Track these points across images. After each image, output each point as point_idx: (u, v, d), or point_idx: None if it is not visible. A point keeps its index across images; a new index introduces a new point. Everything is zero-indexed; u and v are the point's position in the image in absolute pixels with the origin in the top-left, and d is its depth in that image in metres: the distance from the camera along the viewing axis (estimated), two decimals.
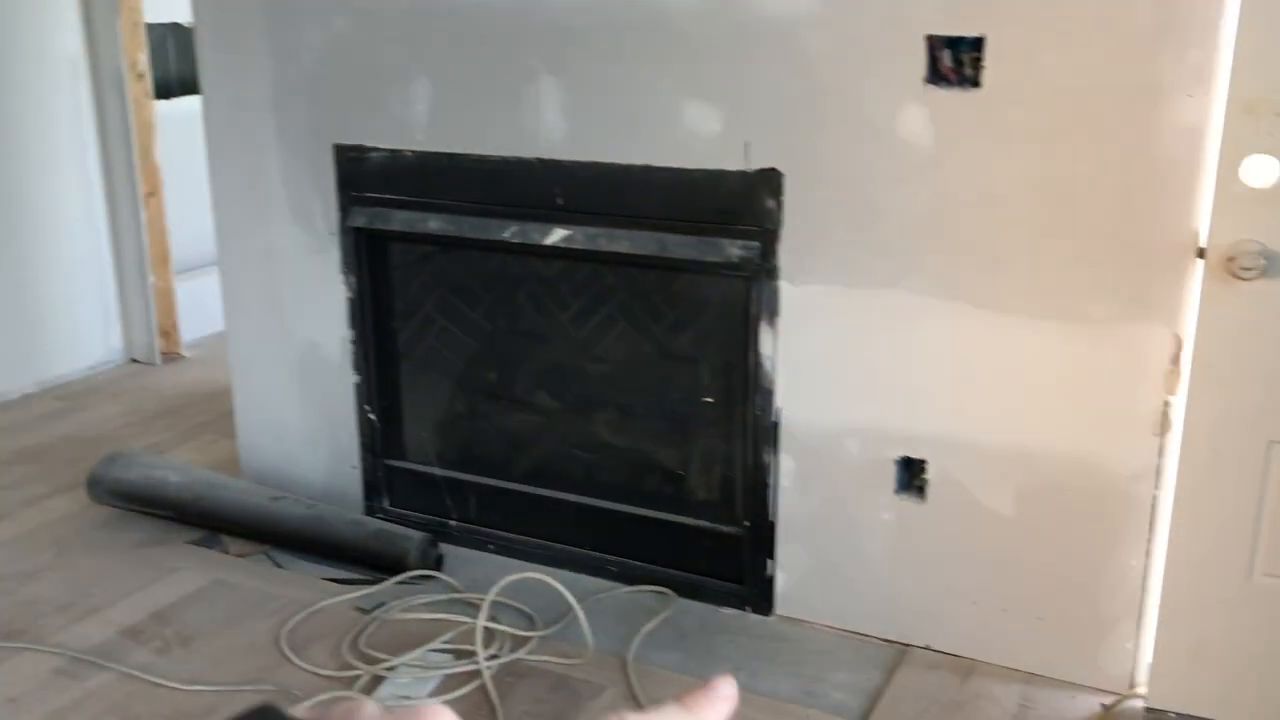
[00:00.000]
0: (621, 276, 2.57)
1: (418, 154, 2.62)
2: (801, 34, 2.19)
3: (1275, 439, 2.00)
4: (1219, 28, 1.91)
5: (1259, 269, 1.93)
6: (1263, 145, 1.90)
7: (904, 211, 2.19)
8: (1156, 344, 2.06)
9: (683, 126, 2.34)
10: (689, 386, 2.60)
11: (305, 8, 2.66)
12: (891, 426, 2.32)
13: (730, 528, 2.55)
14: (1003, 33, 2.03)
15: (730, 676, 0.45)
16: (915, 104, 2.12)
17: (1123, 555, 2.18)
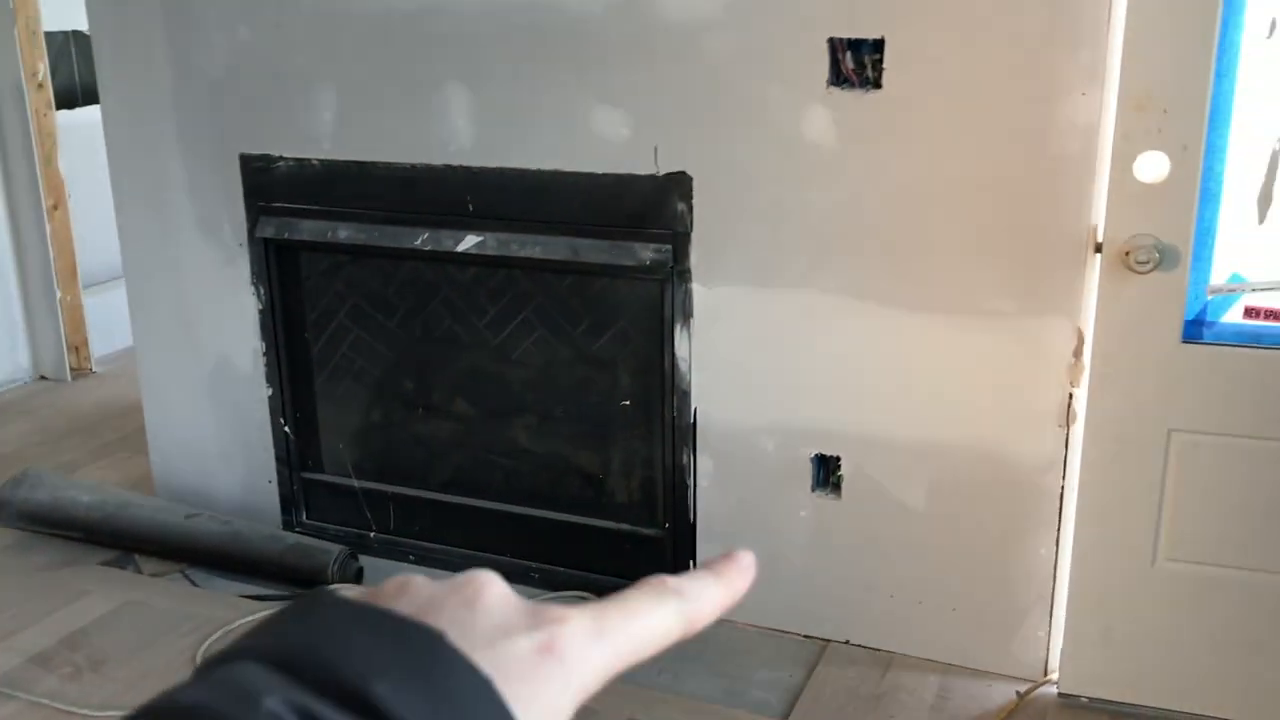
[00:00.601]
0: (536, 281, 2.56)
1: (325, 163, 2.58)
2: (706, 38, 2.20)
3: (1175, 427, 2.06)
4: (1109, 28, 1.96)
5: (1154, 262, 1.98)
6: (1153, 142, 1.95)
7: (811, 212, 2.22)
8: (1059, 337, 2.11)
9: (592, 131, 2.34)
10: (607, 389, 2.60)
11: (207, 15, 2.61)
12: (806, 424, 2.34)
13: (651, 530, 2.55)
14: (902, 35, 2.06)
15: (749, 551, 0.47)
16: (819, 106, 2.15)
17: (1033, 545, 2.22)
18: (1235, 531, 2.06)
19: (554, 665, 0.38)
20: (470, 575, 0.41)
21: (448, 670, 0.36)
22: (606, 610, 0.41)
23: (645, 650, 0.42)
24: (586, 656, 0.39)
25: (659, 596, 0.43)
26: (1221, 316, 2.01)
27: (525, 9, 2.32)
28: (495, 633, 0.38)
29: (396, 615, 0.38)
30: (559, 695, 0.38)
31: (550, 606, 0.40)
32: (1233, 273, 2.01)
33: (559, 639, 0.38)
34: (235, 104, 2.65)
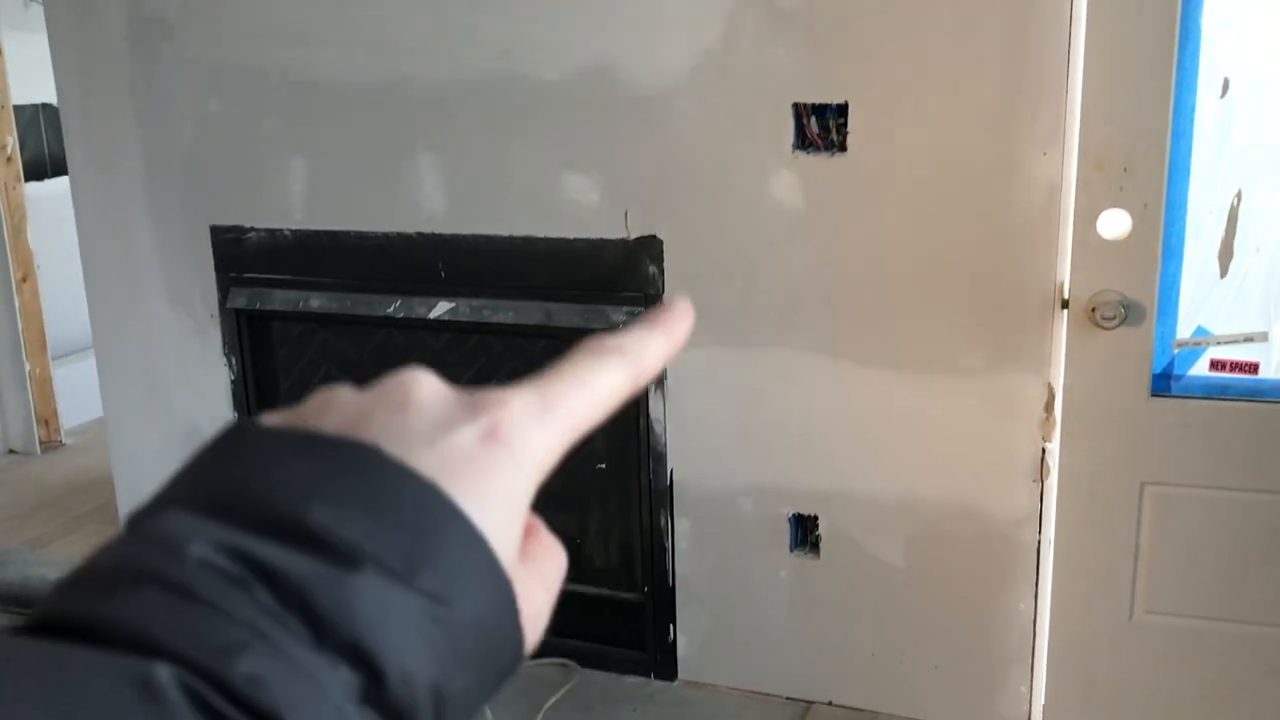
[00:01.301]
0: (509, 346, 2.56)
1: (296, 233, 2.59)
2: (673, 104, 2.23)
3: (1147, 480, 2.07)
4: (1067, 89, 2.00)
5: (1119, 317, 2.00)
6: (1115, 200, 1.98)
7: (781, 272, 2.23)
8: (1030, 393, 2.12)
9: (562, 197, 2.36)
10: (582, 453, 2.59)
11: (176, 87, 2.62)
12: (782, 484, 2.34)
13: (630, 594, 2.54)
14: (865, 99, 2.10)
15: (685, 298, 0.45)
16: (786, 170, 2.17)
17: (1011, 600, 2.22)
18: (1212, 583, 2.07)
19: (500, 452, 0.36)
20: (397, 377, 0.38)
21: (387, 482, 0.33)
22: (548, 384, 0.39)
23: (595, 416, 0.40)
24: (534, 436, 0.37)
25: (600, 358, 0.41)
26: (1189, 370, 2.04)
27: (493, 77, 2.34)
28: (433, 431, 0.36)
29: (325, 435, 0.35)
30: (511, 481, 0.36)
31: (488, 392, 0.38)
32: (1197, 326, 2.04)
33: (501, 424, 0.36)
34: (205, 175, 2.66)
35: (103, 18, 2.63)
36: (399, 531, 0.33)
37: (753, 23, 2.13)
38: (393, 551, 0.32)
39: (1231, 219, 1.98)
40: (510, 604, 0.36)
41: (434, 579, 0.33)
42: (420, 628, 0.32)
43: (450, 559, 0.33)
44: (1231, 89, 1.94)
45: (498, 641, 0.35)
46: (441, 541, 0.33)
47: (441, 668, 0.33)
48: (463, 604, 0.33)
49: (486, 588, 0.34)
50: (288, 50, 2.48)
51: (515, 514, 0.36)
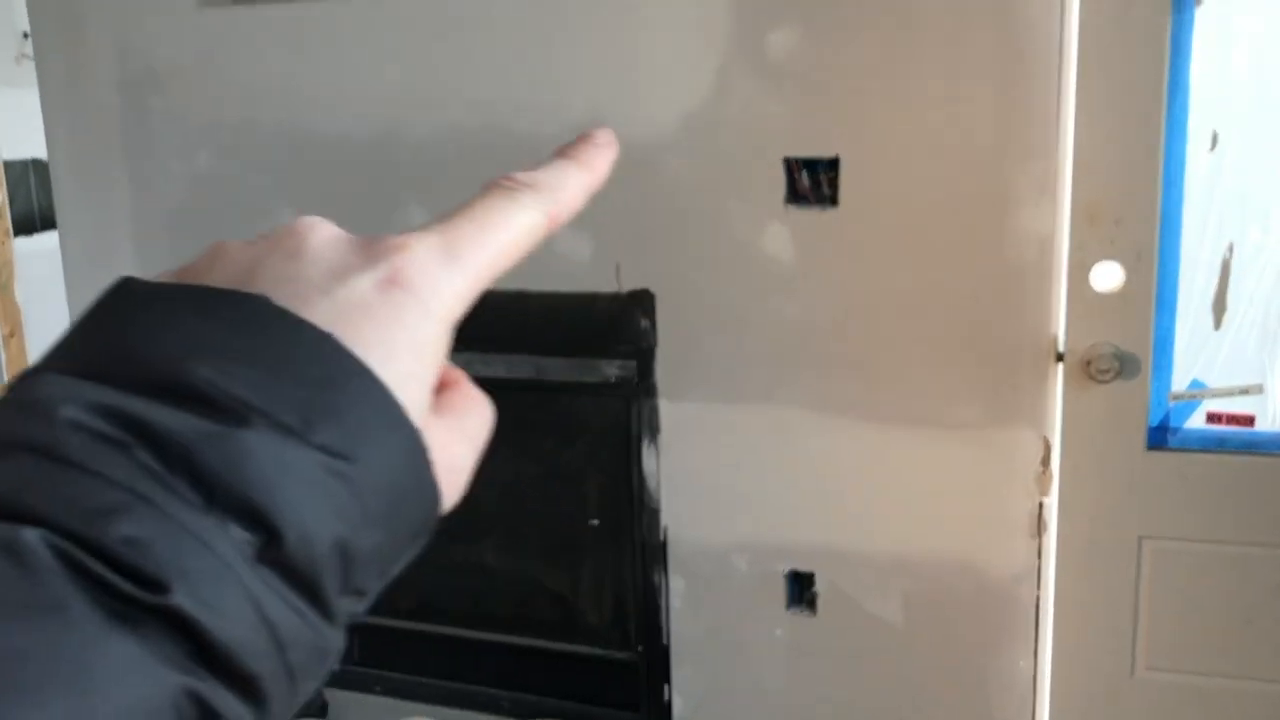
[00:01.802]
0: (500, 399, 2.52)
1: None
2: (663, 159, 2.22)
3: (1145, 534, 2.05)
4: (1058, 141, 2.00)
5: (1114, 370, 1.99)
6: (1107, 251, 1.98)
7: (773, 326, 2.22)
8: (1026, 447, 2.10)
9: (553, 251, 2.35)
10: (574, 508, 2.56)
11: (166, 142, 2.62)
12: (777, 540, 2.31)
13: (623, 653, 2.50)
14: (856, 153, 2.10)
15: (606, 127, 0.43)
16: (777, 223, 2.17)
17: (1011, 657, 2.19)
18: (1213, 639, 2.04)
19: (403, 297, 0.34)
20: (291, 224, 0.37)
21: (279, 334, 0.32)
22: (454, 225, 0.38)
23: (509, 258, 0.39)
24: (440, 280, 0.36)
25: (510, 197, 0.40)
26: (1185, 422, 2.02)
27: (481, 131, 2.34)
28: (328, 279, 0.34)
29: (211, 289, 0.33)
30: (417, 328, 0.34)
31: (389, 236, 0.36)
32: (1193, 378, 2.02)
33: (403, 268, 0.35)
34: (195, 229, 2.64)
35: (94, 73, 2.63)
36: (293, 385, 0.31)
37: (742, 77, 2.14)
38: (286, 406, 0.31)
39: (1224, 271, 1.98)
40: (421, 458, 0.34)
41: (333, 434, 0.31)
42: (320, 484, 0.31)
43: (351, 413, 0.32)
44: (1221, 142, 1.94)
45: (409, 498, 0.34)
46: (340, 394, 0.32)
47: (346, 525, 0.31)
48: (367, 459, 0.32)
49: (393, 442, 0.33)
50: (278, 106, 2.48)
51: (423, 364, 0.35)
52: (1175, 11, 1.89)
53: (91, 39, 2.61)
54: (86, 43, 2.62)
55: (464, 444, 0.38)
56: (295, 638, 0.30)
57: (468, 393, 0.40)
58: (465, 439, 0.38)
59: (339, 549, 0.31)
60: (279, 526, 0.30)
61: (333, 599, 0.32)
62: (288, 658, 0.30)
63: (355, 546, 0.32)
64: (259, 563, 0.29)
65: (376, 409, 0.32)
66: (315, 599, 0.31)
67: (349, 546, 0.32)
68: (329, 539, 0.31)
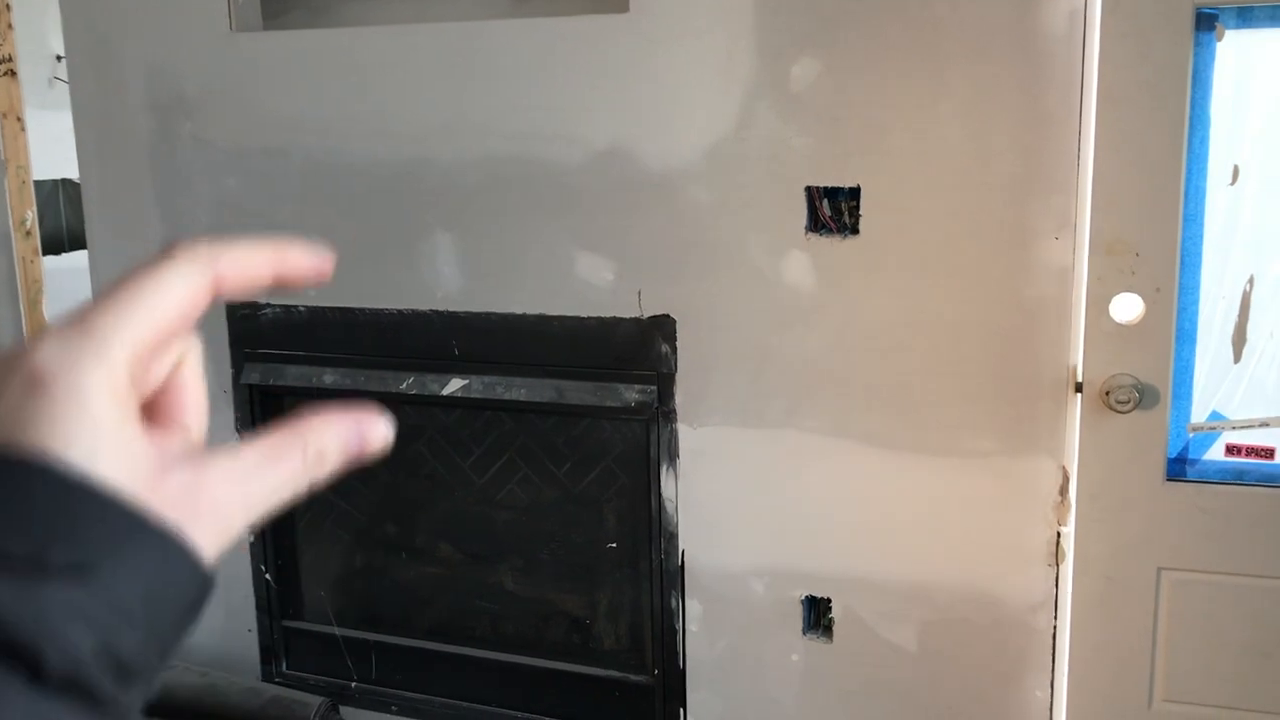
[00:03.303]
0: (521, 423, 2.56)
1: (311, 309, 2.60)
2: (686, 187, 2.25)
3: (1164, 565, 2.05)
4: (1078, 174, 2.01)
5: (1133, 401, 2.00)
6: (1127, 284, 1.99)
7: (793, 353, 2.24)
8: (1044, 476, 2.11)
9: (576, 276, 2.37)
10: (593, 532, 2.57)
11: (195, 165, 2.66)
12: (795, 566, 2.32)
13: (640, 677, 2.50)
14: (878, 183, 2.12)
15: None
16: (798, 251, 2.19)
17: (1028, 687, 2.19)
18: (1231, 671, 2.04)
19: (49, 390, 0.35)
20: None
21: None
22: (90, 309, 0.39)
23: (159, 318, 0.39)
24: (81, 359, 0.36)
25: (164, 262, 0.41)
26: (1204, 454, 2.03)
27: (510, 160, 2.37)
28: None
29: None
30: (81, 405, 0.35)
31: (24, 341, 0.37)
32: (1212, 410, 2.03)
33: (36, 367, 0.36)
34: None
35: (125, 97, 2.68)
36: (15, 519, 0.32)
37: (765, 108, 2.17)
38: (16, 541, 0.32)
39: (1244, 304, 1.99)
40: (163, 539, 0.35)
41: (67, 552, 0.32)
42: (69, 604, 0.32)
43: (77, 524, 0.33)
44: (1242, 176, 1.95)
45: (164, 587, 0.35)
46: (62, 510, 0.33)
47: (105, 633, 0.33)
48: (110, 566, 0.33)
49: (126, 537, 0.34)
50: (306, 133, 2.52)
51: (105, 433, 0.35)
52: (1196, 46, 1.91)
53: (124, 63, 2.66)
54: (119, 66, 2.66)
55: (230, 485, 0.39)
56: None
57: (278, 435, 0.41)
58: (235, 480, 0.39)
59: (105, 656, 0.33)
60: (39, 655, 0.31)
61: (112, 697, 0.33)
62: None
63: (120, 648, 0.33)
64: (34, 687, 0.31)
65: (103, 514, 0.34)
66: (95, 702, 0.33)
67: (114, 650, 0.33)
68: (90, 651, 0.33)
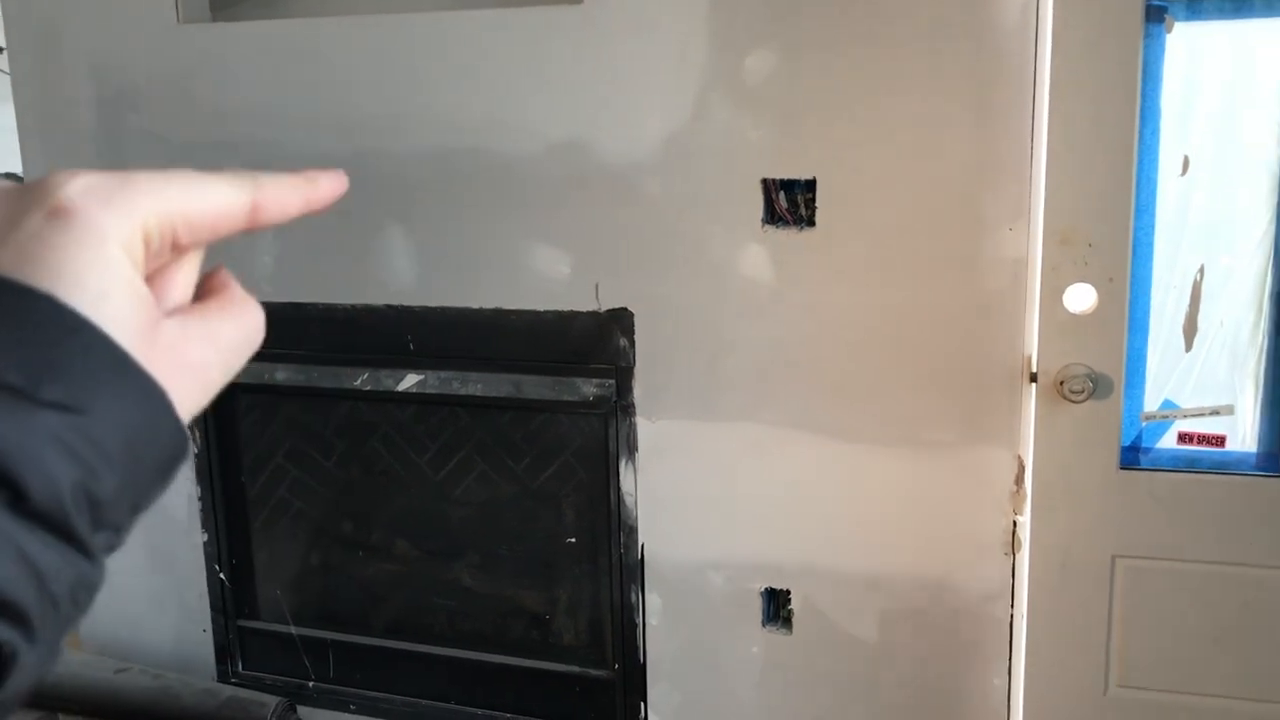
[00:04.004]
0: (478, 418, 2.54)
1: (263, 304, 2.55)
2: (643, 180, 2.24)
3: (1118, 553, 2.07)
4: (1031, 166, 2.03)
5: (1087, 391, 2.01)
6: (1080, 274, 2.00)
7: (750, 345, 2.24)
8: (1000, 466, 2.13)
9: (532, 270, 2.36)
10: (552, 527, 2.56)
11: (142, 160, 2.61)
12: (754, 558, 2.32)
13: (601, 671, 2.50)
14: (833, 175, 2.12)
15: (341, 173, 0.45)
16: (755, 243, 2.18)
17: (985, 675, 2.21)
18: (1184, 657, 2.07)
19: (71, 220, 0.36)
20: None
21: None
22: (138, 172, 0.40)
23: (196, 211, 0.41)
24: (110, 200, 0.37)
25: (214, 171, 0.42)
26: (1157, 443, 2.05)
27: (464, 152, 2.35)
28: (3, 229, 0.36)
29: None
30: (95, 246, 0.36)
31: (57, 173, 0.38)
32: (1164, 399, 2.05)
33: (65, 196, 0.37)
34: None
35: (70, 90, 2.62)
36: (15, 347, 0.33)
37: (720, 100, 2.16)
38: (11, 369, 0.33)
39: (1195, 294, 2.01)
40: (153, 397, 0.36)
41: (61, 389, 0.33)
42: (55, 438, 0.33)
43: (75, 366, 0.34)
44: (1192, 167, 1.97)
45: (146, 436, 0.36)
46: (61, 350, 0.34)
47: (86, 471, 0.34)
48: (97, 408, 0.34)
49: (121, 387, 0.35)
50: (256, 126, 2.48)
51: (112, 277, 0.36)
52: (1146, 38, 1.93)
53: (68, 54, 2.60)
54: (63, 58, 2.61)
55: (207, 345, 0.40)
56: (55, 573, 0.34)
57: (228, 299, 0.43)
58: (210, 341, 0.40)
59: (82, 493, 0.34)
60: (22, 481, 0.33)
61: (86, 537, 0.35)
62: (50, 589, 0.34)
63: (99, 489, 0.35)
64: (12, 513, 0.33)
65: (98, 357, 0.35)
66: (69, 538, 0.34)
67: (92, 490, 0.35)
68: (70, 485, 0.34)
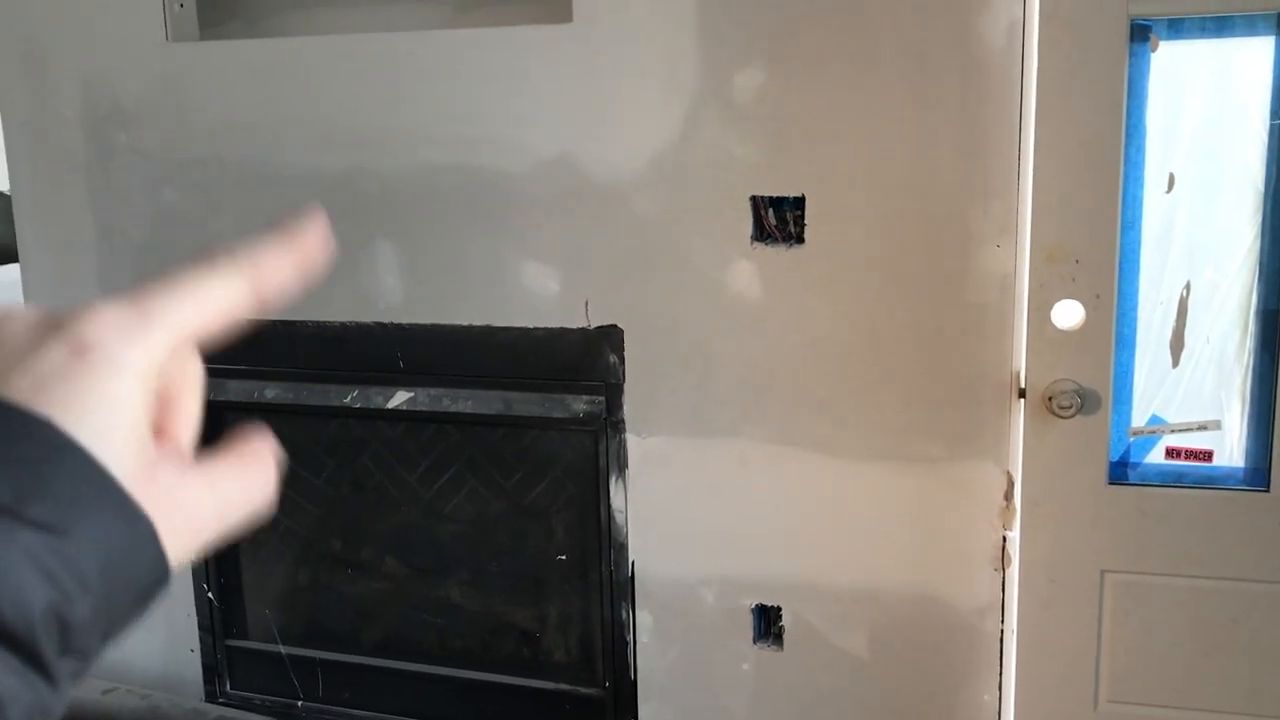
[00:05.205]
0: (468, 434, 2.54)
1: (251, 322, 2.55)
2: (632, 197, 2.24)
3: (1107, 568, 2.08)
4: (1018, 182, 2.04)
5: (1075, 406, 2.02)
6: (1067, 290, 2.01)
7: (740, 362, 2.24)
8: (989, 481, 2.13)
9: (522, 287, 2.36)
10: (542, 544, 2.56)
11: (131, 177, 2.61)
12: (745, 574, 2.32)
13: (591, 689, 2.49)
14: (822, 192, 2.13)
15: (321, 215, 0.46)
16: (744, 260, 2.19)
17: (976, 691, 2.21)
18: (1175, 671, 2.07)
19: (91, 359, 0.36)
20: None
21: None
22: (147, 293, 0.40)
23: (206, 318, 0.41)
24: (128, 337, 0.38)
25: (209, 265, 0.42)
26: (1145, 458, 2.06)
27: (453, 170, 2.35)
28: (23, 357, 0.37)
29: None
30: (109, 385, 0.36)
31: (80, 308, 0.38)
32: (1152, 414, 2.06)
33: (88, 333, 0.37)
34: (160, 265, 2.62)
35: (58, 108, 2.62)
36: (5, 465, 0.33)
37: (709, 117, 2.17)
38: (1, 485, 0.33)
39: (1181, 309, 2.02)
40: (133, 517, 0.35)
41: (45, 508, 0.33)
42: (34, 557, 0.32)
43: (62, 487, 0.34)
44: (1177, 184, 1.99)
45: (126, 565, 0.35)
46: (51, 470, 0.34)
47: (59, 593, 0.33)
48: (79, 531, 0.34)
49: (104, 513, 0.35)
50: (245, 144, 2.48)
51: (119, 416, 0.36)
52: (1131, 57, 1.94)
53: (57, 72, 2.60)
54: (52, 76, 2.60)
55: (205, 494, 0.39)
56: (15, 696, 0.32)
57: (243, 454, 0.42)
58: (209, 490, 0.39)
59: (53, 616, 0.33)
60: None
61: (51, 662, 0.34)
62: (7, 715, 0.32)
63: (71, 614, 0.34)
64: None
65: (87, 482, 0.34)
66: (33, 662, 0.33)
67: (64, 614, 0.33)
68: (42, 607, 0.33)
